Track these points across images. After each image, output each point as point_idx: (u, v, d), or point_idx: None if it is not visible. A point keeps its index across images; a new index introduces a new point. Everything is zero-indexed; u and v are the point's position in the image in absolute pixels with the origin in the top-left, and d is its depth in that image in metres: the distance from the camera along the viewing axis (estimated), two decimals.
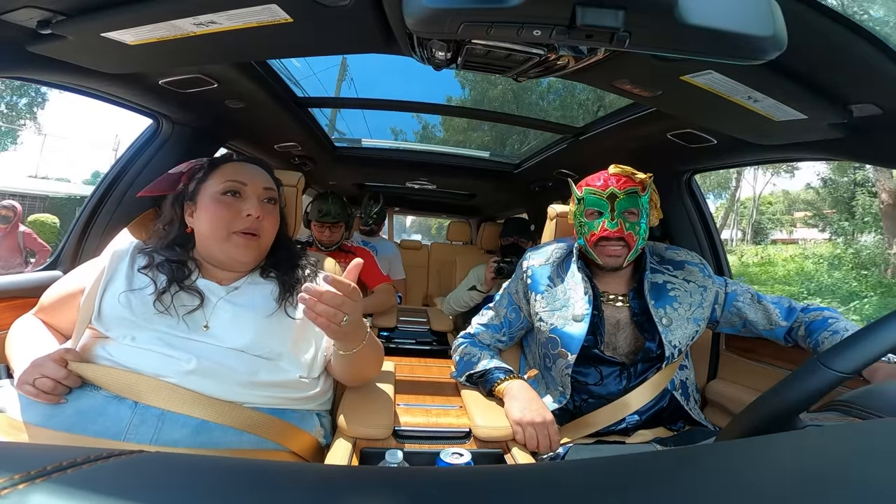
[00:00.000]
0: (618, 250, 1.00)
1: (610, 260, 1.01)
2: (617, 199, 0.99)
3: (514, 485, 0.28)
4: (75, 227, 1.26)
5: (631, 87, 0.89)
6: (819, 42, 0.66)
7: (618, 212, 0.99)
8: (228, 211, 0.82)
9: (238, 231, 0.82)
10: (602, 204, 1.00)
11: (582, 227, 1.04)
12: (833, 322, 0.96)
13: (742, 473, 0.29)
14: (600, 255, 1.02)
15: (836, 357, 0.45)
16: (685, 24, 0.53)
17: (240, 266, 0.86)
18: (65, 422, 0.66)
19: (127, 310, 0.75)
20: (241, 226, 0.82)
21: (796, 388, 0.46)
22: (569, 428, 1.01)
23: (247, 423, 0.73)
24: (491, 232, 2.91)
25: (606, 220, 0.99)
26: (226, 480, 0.27)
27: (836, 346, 0.47)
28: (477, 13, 0.53)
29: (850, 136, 0.87)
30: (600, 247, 1.01)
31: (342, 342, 0.79)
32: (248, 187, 0.85)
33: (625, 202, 0.99)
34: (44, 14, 0.71)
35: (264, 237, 0.86)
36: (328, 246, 2.01)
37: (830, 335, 0.94)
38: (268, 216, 0.86)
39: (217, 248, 0.83)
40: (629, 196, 0.99)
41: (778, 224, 20.23)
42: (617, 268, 1.02)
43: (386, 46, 0.83)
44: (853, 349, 0.45)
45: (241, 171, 0.87)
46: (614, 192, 0.99)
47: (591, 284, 1.04)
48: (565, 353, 1.00)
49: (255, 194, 0.86)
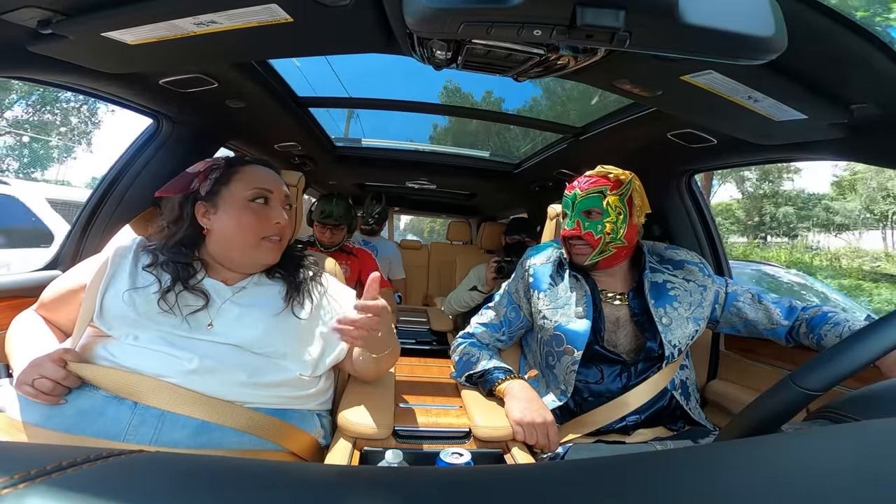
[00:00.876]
0: (582, 248, 1.04)
1: (577, 258, 1.06)
2: (576, 201, 1.04)
3: (513, 485, 0.28)
4: (75, 227, 1.26)
5: (631, 87, 0.89)
6: (819, 42, 0.66)
7: (576, 212, 1.04)
8: (258, 218, 0.84)
9: (267, 237, 0.84)
10: (567, 204, 1.06)
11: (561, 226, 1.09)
12: (832, 315, 0.97)
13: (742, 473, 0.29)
14: (569, 253, 1.08)
15: (806, 376, 0.47)
16: (685, 24, 0.53)
17: (260, 268, 0.88)
18: (64, 422, 0.66)
19: (130, 308, 0.75)
20: (270, 232, 0.84)
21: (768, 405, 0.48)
22: (568, 426, 1.01)
23: (247, 423, 0.73)
24: (491, 232, 2.91)
25: (568, 222, 1.05)
26: (226, 480, 0.27)
27: (808, 365, 0.48)
28: (477, 13, 0.53)
29: (850, 136, 0.87)
30: (569, 245, 1.07)
31: (374, 349, 0.84)
32: (275, 194, 0.88)
33: (582, 203, 1.03)
34: (44, 14, 0.71)
35: (285, 241, 0.89)
36: (328, 247, 2.01)
37: (832, 328, 0.95)
38: (287, 220, 0.89)
39: (242, 252, 0.84)
40: (589, 196, 1.02)
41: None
42: (586, 266, 1.05)
43: (386, 46, 0.83)
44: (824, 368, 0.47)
45: (266, 177, 0.88)
46: (576, 193, 1.04)
47: (585, 282, 1.05)
48: (571, 349, 1.01)
49: (280, 200, 0.88)
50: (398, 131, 2.30)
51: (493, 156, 2.51)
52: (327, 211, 1.95)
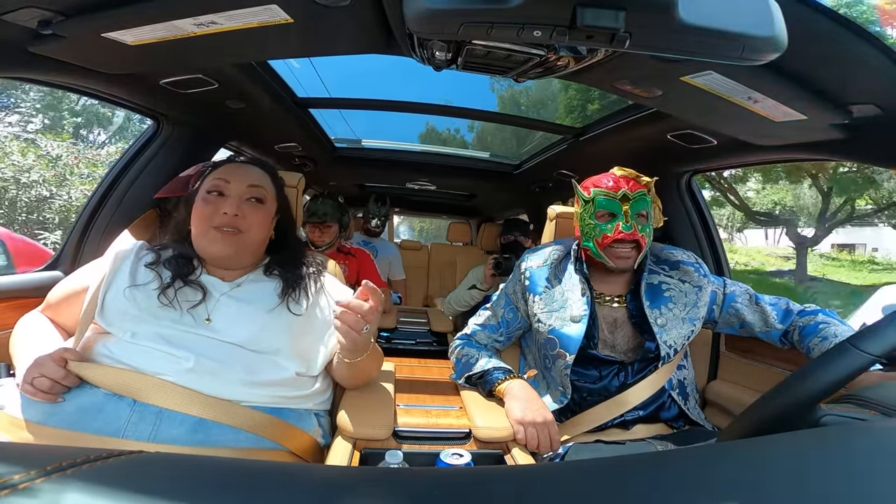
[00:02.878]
0: (629, 252, 0.99)
1: (620, 262, 1.00)
2: (630, 201, 0.98)
3: (514, 485, 0.28)
4: (76, 228, 1.26)
5: (631, 87, 0.90)
6: (819, 42, 0.66)
7: (631, 214, 0.98)
8: (209, 208, 0.84)
9: (217, 227, 0.83)
10: (615, 206, 0.98)
11: (592, 230, 1.01)
12: (824, 328, 0.94)
13: (741, 474, 0.29)
14: (611, 258, 1.00)
15: (867, 340, 0.46)
16: (685, 24, 0.53)
17: (223, 261, 0.86)
18: (65, 419, 0.67)
19: (131, 304, 0.77)
20: (218, 221, 0.84)
21: (826, 370, 0.47)
22: (568, 425, 1.01)
23: (244, 421, 0.73)
24: (491, 232, 2.91)
25: (621, 223, 0.97)
26: (226, 481, 0.27)
27: (869, 329, 0.48)
28: (477, 14, 0.53)
29: (850, 136, 0.87)
30: (612, 249, 0.99)
31: (350, 351, 0.82)
32: (232, 185, 0.87)
33: (637, 204, 0.98)
34: (44, 14, 0.71)
35: (249, 233, 0.86)
36: (319, 246, 2.00)
37: (820, 342, 0.92)
38: (251, 213, 0.86)
39: (197, 242, 0.85)
40: (640, 198, 0.99)
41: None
42: (625, 270, 1.02)
43: (386, 47, 0.83)
44: (888, 331, 0.46)
45: (230, 171, 0.89)
46: (626, 193, 0.98)
47: (588, 286, 1.04)
48: (563, 353, 1.01)
49: (238, 193, 0.86)
50: (398, 131, 2.30)
51: (493, 156, 2.52)
52: (313, 209, 1.97)
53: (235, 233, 0.84)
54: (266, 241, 0.92)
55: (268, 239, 0.92)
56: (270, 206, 0.91)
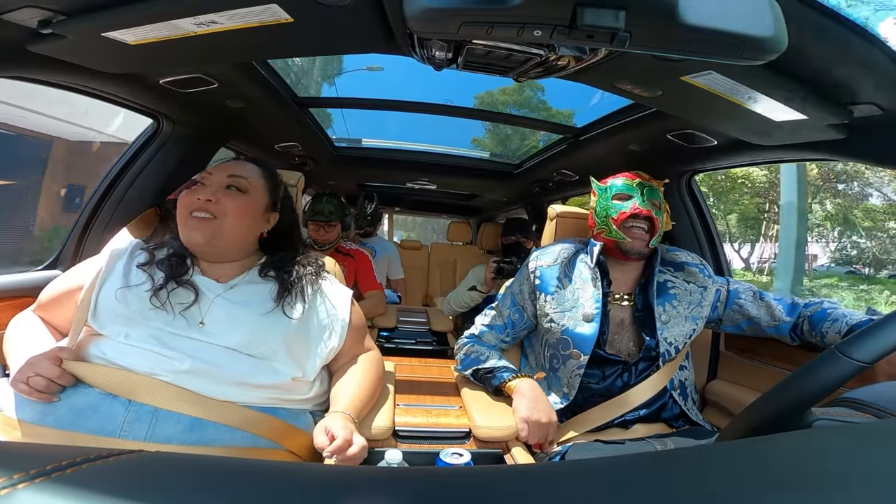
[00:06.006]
0: (643, 233, 1.03)
1: (636, 243, 1.02)
2: (645, 188, 1.05)
3: (513, 485, 0.28)
4: (76, 227, 1.26)
5: (631, 87, 0.89)
6: (819, 42, 0.66)
7: (647, 196, 1.04)
8: (188, 196, 0.84)
9: (194, 212, 0.82)
10: (631, 188, 1.05)
11: (608, 210, 1.05)
12: (832, 311, 0.97)
13: (741, 474, 0.29)
14: (627, 234, 1.03)
15: (853, 346, 0.46)
16: (686, 24, 0.53)
17: (203, 251, 0.85)
18: (59, 419, 0.66)
19: (122, 305, 0.75)
20: (193, 207, 0.83)
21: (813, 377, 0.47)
22: (568, 425, 1.01)
23: (239, 420, 0.73)
24: (491, 232, 2.91)
25: (637, 201, 1.03)
26: (225, 481, 0.27)
27: (855, 336, 0.47)
28: (477, 13, 0.53)
29: (850, 136, 0.87)
30: (627, 227, 1.03)
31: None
32: (213, 176, 0.86)
33: (651, 192, 1.05)
34: (44, 14, 0.71)
35: (225, 220, 0.83)
36: (322, 245, 2.00)
37: (832, 324, 0.95)
38: (227, 200, 0.84)
39: (181, 233, 0.84)
40: (654, 189, 1.06)
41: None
42: (640, 253, 1.03)
43: (386, 46, 0.83)
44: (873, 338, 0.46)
45: (219, 165, 0.89)
46: (640, 181, 1.06)
47: (601, 282, 1.04)
48: (577, 353, 1.01)
49: (217, 182, 0.86)
50: (398, 131, 2.30)
51: (493, 156, 2.51)
52: (317, 208, 1.97)
53: (210, 218, 0.82)
54: (253, 236, 0.89)
55: (257, 234, 0.90)
56: (256, 198, 0.88)
